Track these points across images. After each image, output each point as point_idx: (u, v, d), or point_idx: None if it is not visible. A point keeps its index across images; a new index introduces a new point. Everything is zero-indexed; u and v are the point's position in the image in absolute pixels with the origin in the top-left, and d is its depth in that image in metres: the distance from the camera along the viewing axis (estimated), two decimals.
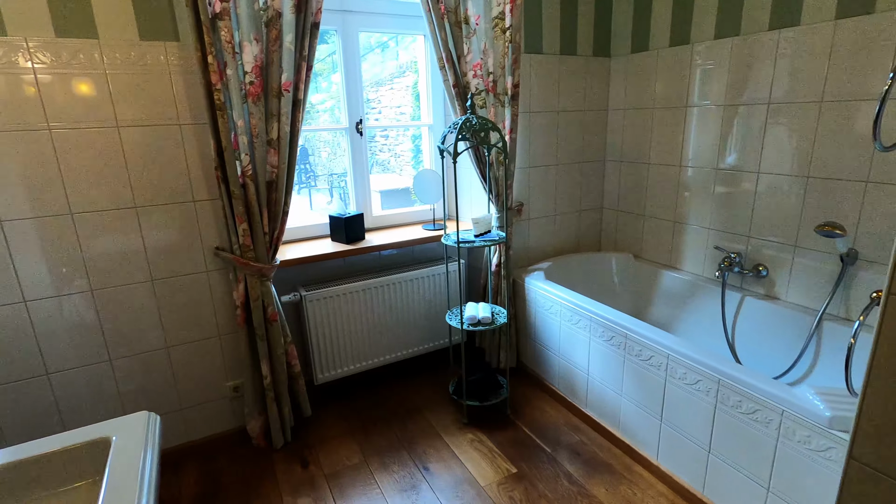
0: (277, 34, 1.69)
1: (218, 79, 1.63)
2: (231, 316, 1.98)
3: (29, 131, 1.54)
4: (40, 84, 1.53)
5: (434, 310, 2.47)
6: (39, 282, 1.64)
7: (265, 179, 1.80)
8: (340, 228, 2.22)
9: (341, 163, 5.38)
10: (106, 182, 1.67)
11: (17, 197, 1.56)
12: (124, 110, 1.65)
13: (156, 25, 1.64)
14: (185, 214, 1.81)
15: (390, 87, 6.42)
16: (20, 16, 1.47)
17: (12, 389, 1.67)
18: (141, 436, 0.87)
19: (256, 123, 1.73)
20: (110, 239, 1.71)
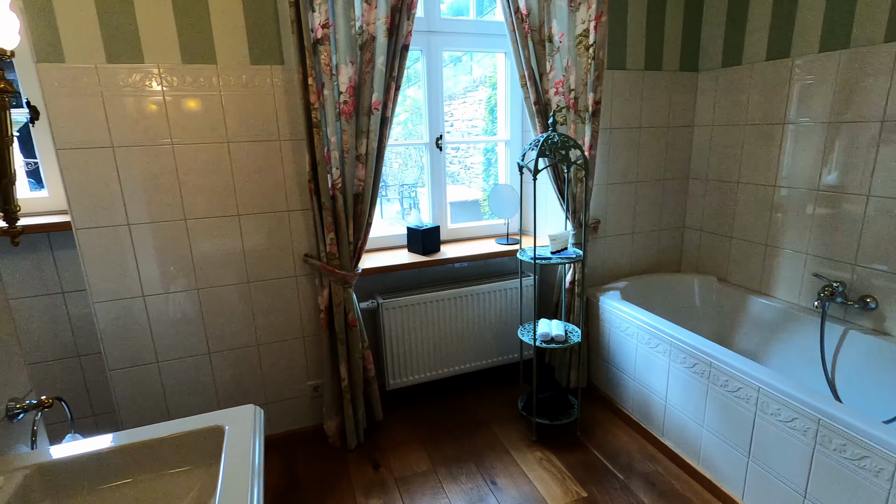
0: (371, 57, 1.80)
1: (316, 98, 1.76)
2: (315, 319, 2.10)
3: (155, 146, 1.74)
4: (167, 104, 1.73)
5: (505, 324, 2.47)
6: (155, 279, 1.84)
7: (352, 192, 1.91)
8: (417, 240, 2.30)
9: (412, 174, 5.54)
10: (215, 192, 1.84)
11: (142, 204, 1.76)
12: (234, 127, 1.82)
13: (264, 51, 1.81)
14: (279, 223, 1.96)
15: (463, 100, 6.52)
16: (155, 46, 1.68)
17: (131, 373, 1.87)
18: (249, 426, 0.96)
19: (348, 140, 1.84)
20: (215, 243, 1.89)
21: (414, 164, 5.34)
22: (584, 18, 2.05)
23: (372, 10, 1.76)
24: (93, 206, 1.71)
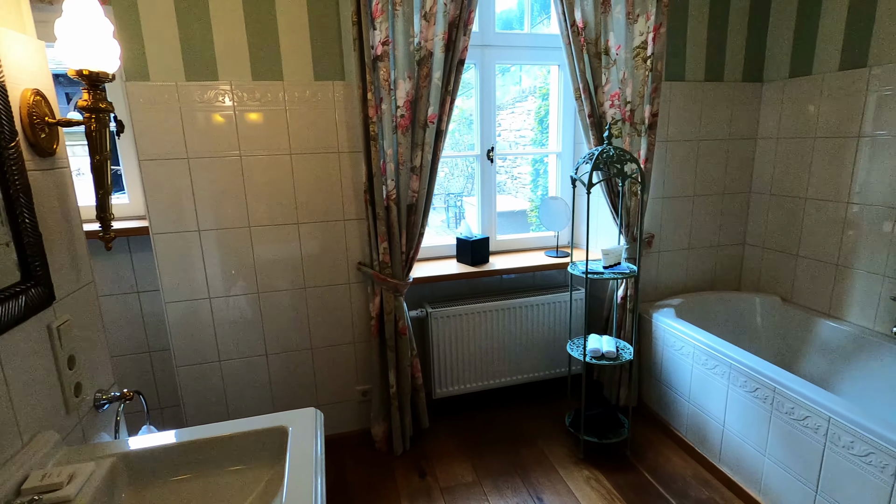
0: (428, 72, 1.85)
1: (374, 113, 1.83)
2: (366, 326, 2.16)
3: (225, 157, 1.86)
4: (237, 119, 1.84)
5: (553, 338, 2.45)
6: (219, 283, 1.95)
7: (406, 203, 1.95)
8: (467, 251, 2.32)
9: (458, 183, 5.55)
10: (277, 201, 1.94)
11: (211, 211, 1.88)
12: (297, 140, 1.91)
13: (327, 68, 1.89)
14: (335, 232, 2.03)
15: (511, 111, 6.52)
16: (228, 65, 1.79)
17: (196, 370, 1.99)
18: (311, 428, 1.00)
19: (403, 152, 1.89)
20: (275, 250, 1.98)
21: (460, 174, 5.38)
22: (643, 30, 2.02)
23: (430, 26, 1.81)
24: (168, 212, 1.84)
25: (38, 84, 1.02)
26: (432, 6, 1.79)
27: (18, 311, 0.88)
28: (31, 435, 0.90)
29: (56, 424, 0.98)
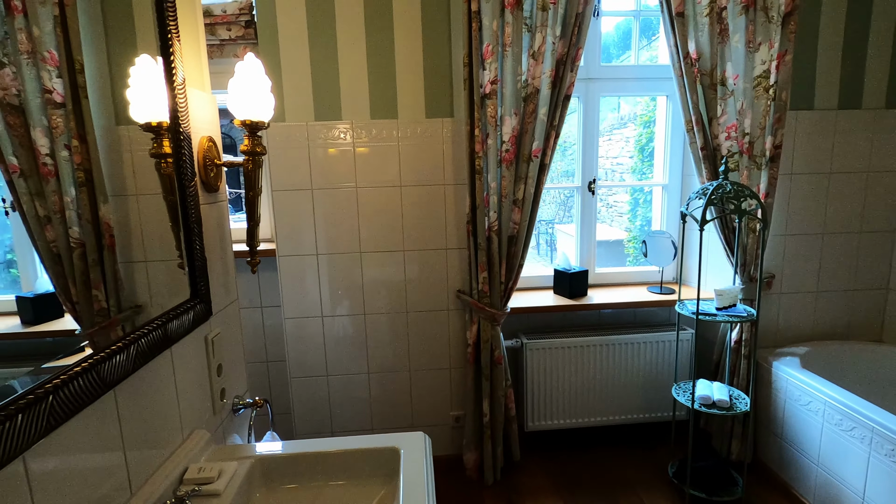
0: (534, 108, 1.90)
1: (480, 148, 1.90)
2: (462, 352, 2.20)
3: (342, 189, 2.03)
4: (355, 154, 2.01)
5: (655, 379, 2.31)
6: (331, 302, 2.11)
7: (507, 234, 1.99)
8: (565, 283, 2.29)
9: (549, 210, 5.50)
10: (386, 229, 2.08)
11: (328, 237, 2.06)
12: (407, 173, 2.04)
13: (438, 106, 2.01)
14: (438, 260, 2.12)
15: (608, 137, 6.37)
16: (351, 106, 1.98)
17: (306, 382, 2.16)
18: (420, 451, 1.06)
19: (507, 185, 1.94)
20: (381, 274, 2.11)
21: (552, 200, 5.33)
22: (765, 59, 1.91)
23: (538, 65, 1.87)
24: (292, 237, 2.04)
25: (210, 131, 1.22)
26: (541, 45, 1.85)
27: (188, 324, 1.04)
28: (190, 431, 1.05)
29: (206, 424, 1.12)
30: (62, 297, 0.76)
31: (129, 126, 0.93)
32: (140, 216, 0.95)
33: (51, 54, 0.74)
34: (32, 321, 0.74)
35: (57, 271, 0.76)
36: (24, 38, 0.70)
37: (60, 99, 0.76)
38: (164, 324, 0.94)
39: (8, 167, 0.69)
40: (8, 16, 0.67)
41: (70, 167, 0.78)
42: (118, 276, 0.87)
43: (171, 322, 0.97)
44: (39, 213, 0.74)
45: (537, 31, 1.85)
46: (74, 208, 0.79)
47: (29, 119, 0.70)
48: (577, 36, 1.87)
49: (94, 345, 0.79)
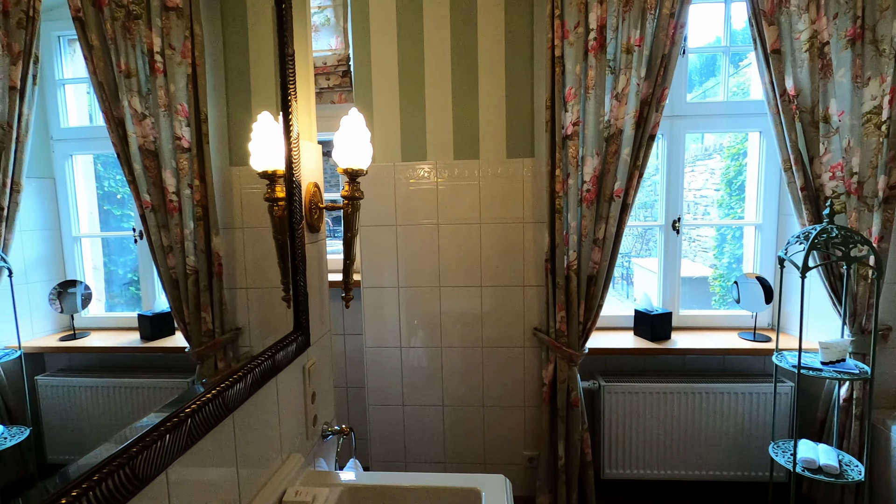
0: (616, 148, 1.89)
1: (561, 187, 1.92)
2: (537, 392, 2.18)
3: (424, 225, 2.13)
4: (438, 192, 2.11)
5: (749, 434, 2.14)
6: (409, 334, 2.19)
7: (587, 273, 1.97)
8: (646, 325, 2.21)
9: (625, 242, 5.30)
10: (464, 265, 2.13)
11: (409, 271, 2.15)
12: (487, 211, 2.10)
13: (519, 147, 2.07)
14: (515, 296, 2.14)
15: (691, 168, 6.09)
16: (435, 147, 2.09)
17: (383, 411, 2.23)
18: (501, 494, 1.06)
19: (587, 224, 1.94)
20: (459, 309, 2.16)
21: (628, 232, 5.16)
22: (875, 94, 1.78)
23: (621, 106, 1.87)
24: (376, 270, 2.16)
25: (316, 178, 1.35)
26: (624, 87, 1.86)
27: (291, 354, 1.14)
28: (287, 455, 1.13)
29: (300, 448, 1.21)
30: (176, 317, 0.87)
31: (240, 167, 1.06)
32: (244, 247, 1.07)
33: (182, 107, 0.87)
34: (150, 337, 0.85)
35: (174, 294, 0.87)
36: (163, 93, 0.83)
37: (187, 144, 0.88)
38: (273, 354, 1.04)
39: (142, 203, 0.81)
40: (151, 75, 0.80)
41: (191, 203, 0.90)
42: (223, 300, 0.98)
43: (278, 353, 1.07)
44: (164, 242, 0.85)
45: (621, 73, 1.86)
46: (192, 239, 0.90)
47: (161, 162, 0.83)
48: (662, 77, 1.86)
49: (200, 361, 0.89)
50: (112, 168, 0.85)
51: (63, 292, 0.72)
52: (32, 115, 0.62)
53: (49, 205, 0.71)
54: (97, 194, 0.84)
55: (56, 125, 0.71)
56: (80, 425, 0.68)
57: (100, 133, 0.76)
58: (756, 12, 1.86)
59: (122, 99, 0.76)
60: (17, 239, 0.60)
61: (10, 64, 0.58)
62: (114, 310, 0.86)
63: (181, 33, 0.87)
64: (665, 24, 1.82)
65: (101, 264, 0.85)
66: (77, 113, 0.76)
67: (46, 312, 0.67)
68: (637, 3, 1.82)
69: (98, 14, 0.71)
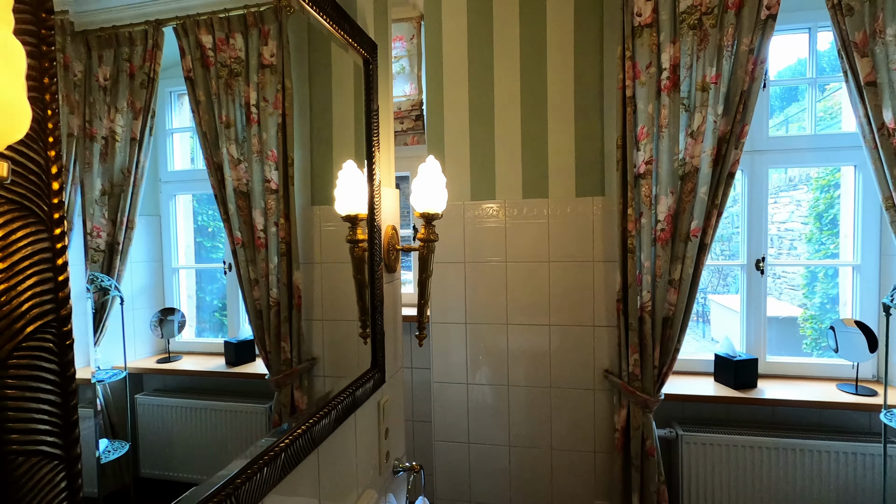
0: (692, 187, 1.84)
1: (633, 227, 1.89)
2: (609, 437, 2.09)
3: (492, 263, 2.15)
4: (506, 230, 2.13)
5: (854, 500, 1.91)
6: (476, 371, 2.19)
7: (662, 315, 1.90)
8: (729, 371, 2.07)
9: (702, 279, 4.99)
10: (532, 303, 2.13)
11: (477, 307, 2.17)
12: (555, 249, 2.10)
13: (588, 185, 2.06)
14: (585, 336, 2.09)
15: (774, 200, 5.72)
16: (504, 186, 2.13)
17: (448, 447, 2.23)
18: None
19: (661, 265, 1.88)
20: (527, 348, 2.14)
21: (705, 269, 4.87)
22: None
23: (697, 144, 1.83)
24: (444, 306, 2.20)
25: (393, 221, 1.42)
26: (700, 125, 1.82)
27: (368, 391, 1.19)
28: (362, 490, 1.17)
29: (373, 484, 1.24)
30: (258, 345, 0.93)
31: (320, 206, 1.14)
32: (321, 281, 1.15)
33: (272, 152, 0.96)
34: (234, 362, 0.91)
35: (257, 324, 0.94)
36: (256, 141, 0.93)
37: (275, 186, 0.97)
38: (353, 392, 1.10)
39: (234, 239, 0.90)
40: (247, 124, 0.90)
41: (276, 240, 0.98)
42: (301, 331, 1.04)
43: (358, 390, 1.12)
44: (251, 275, 0.93)
45: (696, 111, 1.82)
46: (276, 273, 0.98)
47: (252, 202, 0.92)
48: (742, 113, 1.80)
49: (278, 388, 0.95)
50: (205, 204, 0.93)
51: (164, 319, 0.80)
52: (147, 162, 0.71)
53: (154, 239, 0.79)
54: (193, 228, 0.93)
55: (164, 169, 0.81)
56: (171, 443, 0.74)
57: (199, 175, 0.86)
58: (846, 44, 1.77)
59: (221, 146, 0.86)
60: (128, 270, 0.68)
61: (132, 119, 0.68)
62: (202, 335, 0.93)
63: (274, 87, 0.98)
64: (744, 61, 1.78)
65: (194, 293, 0.93)
66: (181, 158, 0.87)
67: (147, 336, 0.75)
68: (713, 41, 1.80)
69: (205, 73, 0.82)
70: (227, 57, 0.85)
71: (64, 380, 0.44)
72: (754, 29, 1.76)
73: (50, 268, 0.43)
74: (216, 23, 0.83)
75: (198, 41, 0.81)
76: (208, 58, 0.82)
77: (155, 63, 0.70)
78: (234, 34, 0.87)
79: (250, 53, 0.91)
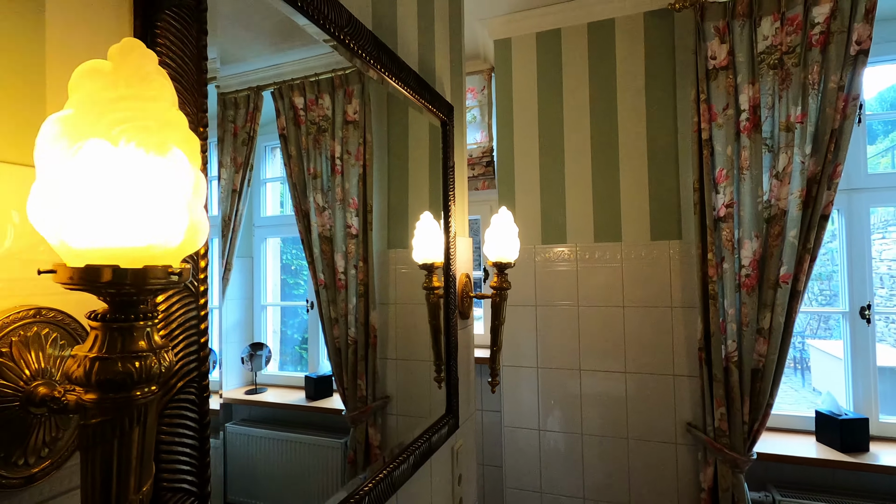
0: (780, 230, 1.74)
1: (714, 272, 1.81)
2: (694, 497, 1.95)
3: (564, 306, 2.13)
4: (578, 274, 2.12)
5: None
6: (548, 417, 2.14)
7: (750, 367, 1.78)
8: (833, 431, 1.87)
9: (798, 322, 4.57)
10: (607, 349, 2.07)
11: (548, 351, 2.15)
12: (630, 294, 2.04)
13: (664, 229, 2.01)
14: (664, 386, 1.99)
15: (882, 235, 5.21)
16: (575, 230, 2.13)
17: (520, 496, 2.18)
18: None
19: (748, 312, 1.77)
20: (601, 395, 2.08)
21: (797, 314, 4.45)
22: None
23: (783, 185, 1.74)
24: (515, 349, 2.20)
25: (467, 269, 1.48)
26: (786, 166, 1.74)
27: (444, 436, 1.22)
28: None
29: None
30: (337, 381, 0.98)
31: (395, 249, 1.21)
32: (396, 322, 1.20)
33: (353, 200, 1.05)
34: (313, 397, 0.96)
35: (336, 361, 1.00)
36: (340, 190, 1.01)
37: (355, 231, 1.05)
38: (430, 437, 1.14)
39: (318, 280, 0.97)
40: (332, 175, 0.98)
41: (355, 282, 1.05)
42: (376, 369, 1.09)
43: (433, 435, 1.16)
44: (332, 315, 0.99)
45: (781, 152, 1.75)
46: (354, 313, 1.04)
47: (335, 246, 0.99)
48: (833, 153, 1.70)
49: (354, 424, 0.99)
50: (289, 244, 1.00)
51: (253, 354, 0.87)
52: (245, 209, 0.81)
53: (247, 279, 0.87)
54: (279, 267, 1.00)
55: (258, 215, 0.91)
56: (254, 472, 0.79)
57: (287, 220, 0.94)
58: None
59: (308, 195, 0.96)
60: (225, 307, 0.76)
61: (234, 173, 0.77)
62: (285, 368, 0.98)
63: (356, 141, 1.08)
64: (833, 98, 1.69)
65: (279, 328, 0.99)
66: (272, 204, 0.97)
67: (237, 368, 0.82)
68: (796, 80, 1.73)
69: (297, 130, 0.93)
70: (315, 115, 0.96)
71: (201, 426, 0.52)
72: (843, 65, 1.68)
73: (195, 332, 0.52)
74: (307, 86, 0.95)
75: (291, 102, 0.91)
76: (300, 116, 0.93)
77: (255, 123, 0.80)
78: (323, 95, 0.98)
79: (336, 111, 1.02)
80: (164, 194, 0.32)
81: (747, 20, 1.79)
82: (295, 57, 0.89)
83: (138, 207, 0.31)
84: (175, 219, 0.32)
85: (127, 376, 0.32)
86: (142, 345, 0.33)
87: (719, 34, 1.82)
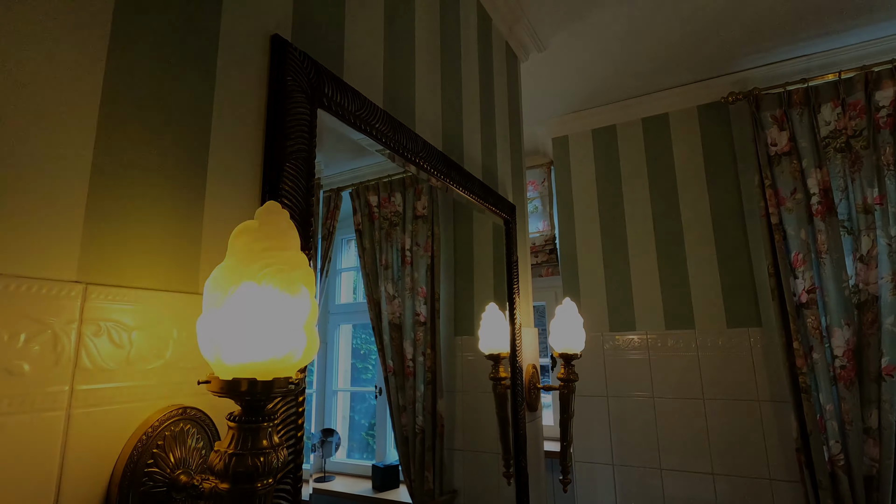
0: (874, 317, 1.62)
1: (803, 362, 1.68)
2: None
3: (637, 397, 2.04)
4: (651, 363, 2.04)
5: None
6: None
7: (862, 473, 1.57)
8: None
9: None
10: (689, 446, 1.92)
11: (624, 447, 2.02)
12: (709, 385, 1.93)
13: (740, 316, 1.93)
14: (761, 491, 1.79)
15: None
16: (644, 317, 2.09)
17: None
18: None
19: (849, 409, 1.61)
20: (689, 498, 1.89)
21: None
22: None
23: (871, 269, 1.64)
24: (587, 443, 2.09)
25: (533, 359, 1.49)
26: (870, 249, 1.65)
27: None
28: None
29: None
30: (404, 472, 0.97)
31: (461, 336, 1.24)
32: (463, 410, 1.20)
33: (422, 289, 1.11)
34: (379, 487, 0.95)
35: (403, 450, 1.00)
36: (409, 280, 1.08)
37: (423, 319, 1.09)
38: None
39: (387, 367, 1.01)
40: (402, 266, 1.06)
41: (423, 369, 1.07)
42: (444, 460, 1.08)
43: None
44: (400, 402, 1.01)
45: (863, 235, 1.67)
46: (421, 401, 1.06)
47: (403, 334, 1.04)
48: None
49: None
50: (359, 329, 1.04)
51: (324, 440, 0.88)
52: (322, 297, 0.88)
53: (321, 365, 0.93)
54: (350, 352, 1.04)
55: (332, 302, 0.98)
56: None
57: (359, 308, 1.00)
58: None
59: (380, 285, 1.04)
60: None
61: (313, 266, 0.88)
62: (352, 455, 0.99)
63: (425, 234, 1.17)
64: None
65: (348, 413, 1.00)
66: (346, 292, 1.05)
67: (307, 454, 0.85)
68: (868, 163, 1.69)
69: (370, 225, 1.03)
70: (388, 211, 1.07)
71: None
72: None
73: (293, 427, 0.60)
74: (381, 186, 1.06)
75: (367, 201, 1.02)
76: (374, 213, 1.03)
77: (334, 220, 0.89)
78: (395, 193, 1.09)
79: (406, 207, 1.12)
80: (291, 322, 0.41)
81: (805, 108, 1.82)
82: (370, 161, 1.01)
83: (273, 332, 0.40)
84: (297, 341, 0.42)
85: (254, 470, 0.39)
86: (265, 443, 0.41)
87: (777, 122, 1.85)
